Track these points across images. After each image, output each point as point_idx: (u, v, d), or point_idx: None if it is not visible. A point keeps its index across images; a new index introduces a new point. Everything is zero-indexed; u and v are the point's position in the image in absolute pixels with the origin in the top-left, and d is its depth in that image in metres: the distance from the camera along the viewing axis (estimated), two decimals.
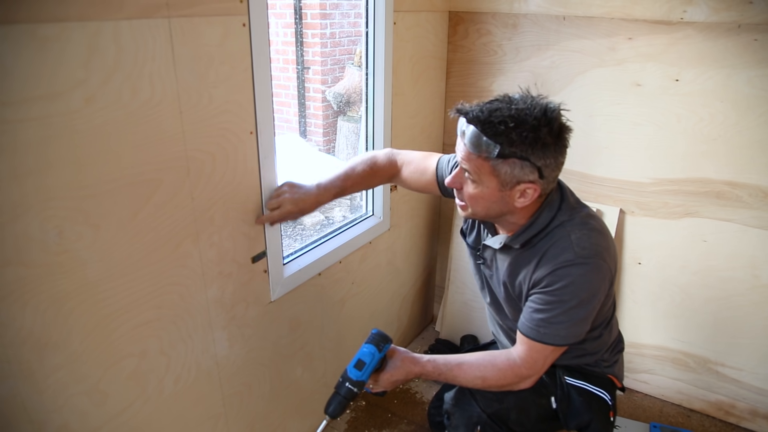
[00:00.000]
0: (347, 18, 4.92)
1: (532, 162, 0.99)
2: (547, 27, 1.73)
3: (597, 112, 1.73)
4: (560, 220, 1.10)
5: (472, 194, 1.06)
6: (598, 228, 1.11)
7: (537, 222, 1.10)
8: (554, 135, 0.99)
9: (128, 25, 0.87)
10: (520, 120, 0.96)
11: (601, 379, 1.27)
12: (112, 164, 0.90)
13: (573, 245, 1.05)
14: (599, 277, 1.07)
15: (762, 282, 1.63)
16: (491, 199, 1.05)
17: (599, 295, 1.08)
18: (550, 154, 1.00)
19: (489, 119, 0.97)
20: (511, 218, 1.11)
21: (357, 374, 1.10)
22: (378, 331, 1.15)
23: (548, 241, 1.09)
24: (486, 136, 0.97)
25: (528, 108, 0.98)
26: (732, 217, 1.62)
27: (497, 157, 0.98)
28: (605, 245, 1.09)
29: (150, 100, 0.93)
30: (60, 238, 0.85)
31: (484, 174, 1.02)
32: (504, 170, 1.00)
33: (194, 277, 1.11)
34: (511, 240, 1.13)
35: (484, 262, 1.25)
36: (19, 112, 0.76)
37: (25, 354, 0.85)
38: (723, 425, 1.80)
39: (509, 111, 0.97)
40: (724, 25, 1.48)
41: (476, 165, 1.02)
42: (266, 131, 1.20)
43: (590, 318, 1.10)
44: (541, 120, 0.97)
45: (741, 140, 1.55)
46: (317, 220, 3.91)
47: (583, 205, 1.16)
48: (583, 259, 1.04)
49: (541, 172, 1.01)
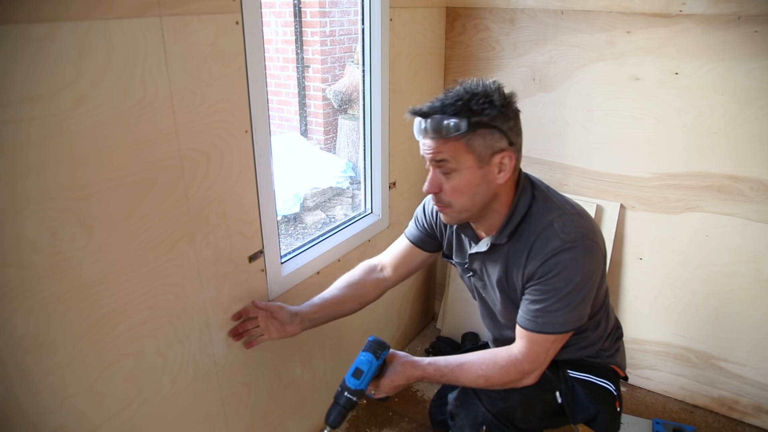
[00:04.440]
0: (347, 16, 4.91)
1: (498, 127, 1.02)
2: (545, 21, 1.72)
3: (596, 106, 1.72)
4: (538, 208, 1.10)
5: (455, 186, 1.06)
6: (578, 212, 1.12)
7: (517, 210, 1.11)
8: (506, 99, 1.03)
9: (119, 24, 0.86)
10: (471, 93, 1.02)
11: (603, 370, 1.27)
12: (105, 165, 0.89)
13: (558, 232, 1.06)
14: (591, 258, 1.07)
15: (764, 276, 1.61)
16: (474, 182, 1.05)
17: (594, 276, 1.08)
18: (510, 117, 1.04)
19: (444, 103, 1.02)
20: (494, 206, 1.11)
21: (355, 383, 1.10)
22: (374, 338, 1.14)
23: (533, 233, 1.09)
24: (448, 116, 1.00)
25: (471, 85, 1.04)
26: (733, 211, 1.61)
27: (467, 131, 1.00)
28: (590, 226, 1.10)
29: (142, 100, 0.93)
30: (53, 240, 0.85)
31: (460, 154, 1.03)
32: (477, 142, 1.02)
33: (190, 277, 1.11)
34: (496, 237, 1.13)
35: (474, 273, 1.25)
36: (8, 113, 0.76)
37: (20, 355, 0.85)
38: (726, 421, 1.78)
39: (457, 92, 1.03)
40: (723, 17, 1.47)
41: (450, 149, 1.03)
42: (262, 130, 1.19)
43: (587, 302, 1.10)
44: (488, 88, 1.02)
45: (741, 133, 1.53)
46: (318, 218, 3.90)
47: (555, 192, 1.17)
48: (570, 244, 1.05)
49: (508, 137, 1.03)
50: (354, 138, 4.40)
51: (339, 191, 4.19)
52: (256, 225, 1.25)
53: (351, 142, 4.45)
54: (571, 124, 1.78)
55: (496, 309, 1.26)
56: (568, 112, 1.77)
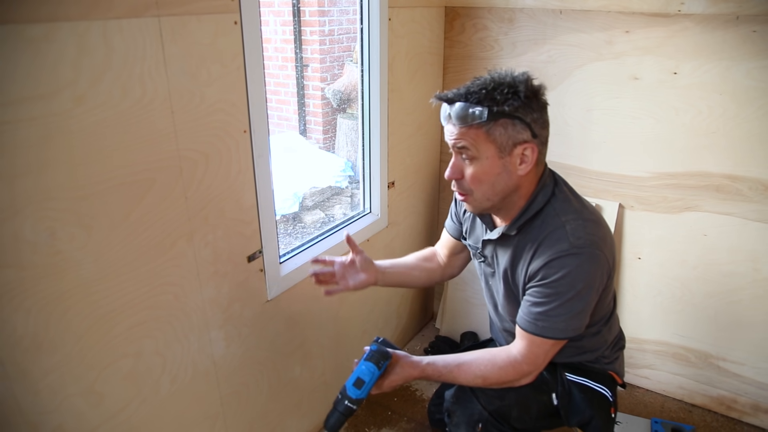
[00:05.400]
0: (345, 15, 4.90)
1: (521, 118, 1.01)
2: (544, 21, 1.72)
3: (595, 106, 1.72)
4: (554, 207, 1.09)
5: (475, 174, 1.06)
6: (594, 219, 1.10)
7: (533, 203, 1.10)
8: (532, 91, 1.02)
9: (117, 24, 0.86)
10: (497, 83, 1.01)
11: (601, 375, 1.26)
12: (104, 165, 0.90)
13: (568, 235, 1.05)
14: (595, 268, 1.06)
15: (762, 275, 1.62)
16: (494, 171, 1.05)
17: (596, 285, 1.07)
18: (535, 109, 1.03)
19: (468, 91, 1.02)
20: (515, 197, 1.10)
21: (356, 393, 1.10)
22: (378, 348, 1.14)
23: (543, 230, 1.08)
24: (471, 104, 1.01)
25: (500, 74, 1.03)
26: (732, 211, 1.61)
27: (488, 120, 1.00)
28: (601, 235, 1.08)
29: (141, 100, 0.93)
30: (52, 240, 0.85)
31: (480, 143, 1.03)
32: (498, 132, 1.01)
33: (189, 277, 1.11)
34: (508, 228, 1.13)
35: (485, 260, 1.25)
36: (7, 114, 0.76)
37: (19, 355, 0.85)
38: (725, 420, 1.79)
39: (484, 80, 1.03)
40: (722, 16, 1.47)
41: (471, 137, 1.03)
42: (260, 130, 1.19)
43: (588, 310, 1.10)
44: (516, 79, 1.02)
45: (740, 133, 1.53)
46: (317, 218, 3.90)
47: (578, 195, 1.16)
48: (577, 249, 1.04)
49: (531, 129, 1.03)
50: (353, 137, 4.40)
51: (338, 190, 4.19)
52: (254, 225, 1.25)
53: (350, 142, 4.45)
54: (570, 123, 1.78)
55: (498, 299, 1.26)
56: (567, 112, 1.77)
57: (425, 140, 1.95)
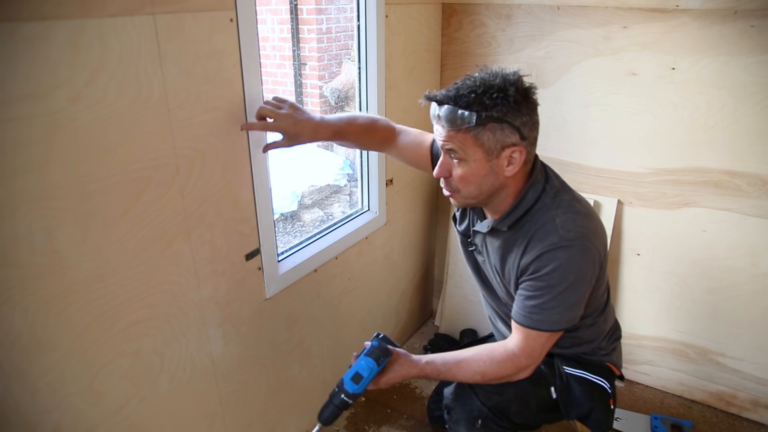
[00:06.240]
0: (343, 13, 4.89)
1: (510, 122, 1.01)
2: (541, 17, 1.72)
3: (593, 102, 1.72)
4: (545, 203, 1.10)
5: (462, 175, 1.07)
6: (584, 211, 1.11)
7: (523, 201, 1.10)
8: (522, 93, 1.02)
9: (112, 22, 0.86)
10: (486, 85, 1.00)
11: (599, 367, 1.27)
12: (100, 163, 0.89)
13: (558, 228, 1.06)
14: (586, 259, 1.07)
15: (761, 271, 1.62)
16: (481, 173, 1.06)
17: (587, 277, 1.08)
18: (524, 112, 1.02)
19: (458, 93, 1.01)
20: (502, 195, 1.11)
21: (354, 387, 1.10)
22: (379, 344, 1.14)
23: (534, 225, 1.09)
24: (460, 108, 1.00)
25: (490, 75, 1.02)
26: (731, 207, 1.61)
27: (476, 125, 1.00)
28: (591, 228, 1.09)
29: (137, 99, 0.92)
30: (49, 239, 0.85)
31: (468, 147, 1.03)
32: (486, 137, 1.01)
33: (187, 276, 1.11)
34: (498, 223, 1.14)
35: (476, 248, 1.26)
36: (2, 113, 0.75)
37: (17, 355, 0.85)
38: (724, 416, 1.79)
39: (474, 81, 1.02)
40: (719, 11, 1.46)
41: (459, 140, 1.03)
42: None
43: (582, 302, 1.11)
44: (506, 81, 1.01)
45: (739, 128, 1.53)
46: (316, 216, 3.90)
47: (569, 188, 1.16)
48: (567, 242, 1.05)
49: (520, 132, 1.02)
50: None
51: (336, 189, 4.19)
52: (252, 223, 1.25)
53: None
54: (568, 119, 1.78)
55: (493, 285, 1.27)
56: (565, 108, 1.77)
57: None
